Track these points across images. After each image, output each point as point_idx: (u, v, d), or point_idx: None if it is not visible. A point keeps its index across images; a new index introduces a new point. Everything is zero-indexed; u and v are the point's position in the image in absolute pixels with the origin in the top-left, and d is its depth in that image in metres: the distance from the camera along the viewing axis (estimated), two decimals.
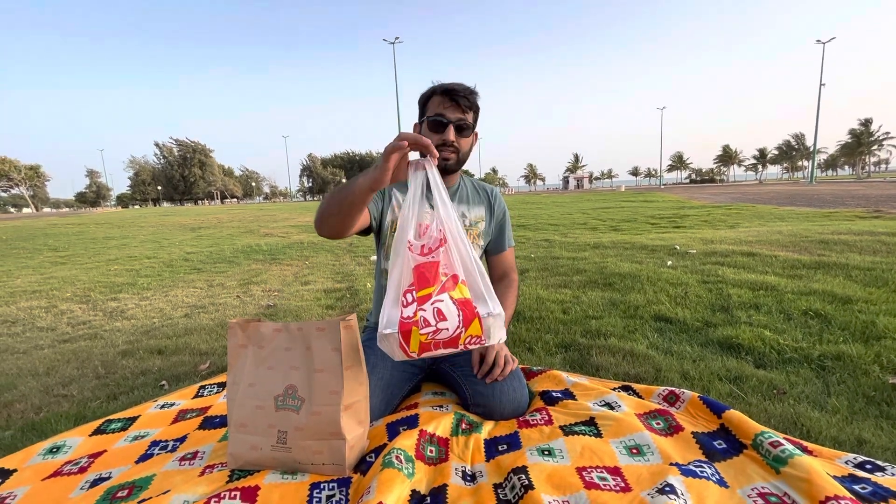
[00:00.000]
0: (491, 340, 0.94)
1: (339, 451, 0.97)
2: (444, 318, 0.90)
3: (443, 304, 0.90)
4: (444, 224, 0.96)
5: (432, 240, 0.95)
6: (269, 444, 0.99)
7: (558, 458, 1.02)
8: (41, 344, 2.42)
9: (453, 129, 1.26)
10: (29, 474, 1.09)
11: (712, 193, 19.46)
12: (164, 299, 3.44)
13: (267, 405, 1.00)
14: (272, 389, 1.00)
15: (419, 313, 0.90)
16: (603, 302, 2.49)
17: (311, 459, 0.98)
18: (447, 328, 0.90)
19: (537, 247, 5.06)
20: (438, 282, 0.92)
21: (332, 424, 0.96)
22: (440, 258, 0.94)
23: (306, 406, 0.98)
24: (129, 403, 1.56)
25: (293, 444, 0.98)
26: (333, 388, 0.97)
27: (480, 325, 0.91)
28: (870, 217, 6.67)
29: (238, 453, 1.01)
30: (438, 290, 0.91)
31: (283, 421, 0.99)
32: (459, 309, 0.90)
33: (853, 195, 12.97)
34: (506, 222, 1.51)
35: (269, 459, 0.99)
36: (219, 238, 8.85)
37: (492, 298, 0.95)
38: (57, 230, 12.54)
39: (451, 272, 0.94)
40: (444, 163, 1.29)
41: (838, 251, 3.45)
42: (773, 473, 0.93)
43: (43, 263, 6.22)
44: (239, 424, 1.01)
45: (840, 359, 1.56)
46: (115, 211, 37.59)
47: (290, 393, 1.00)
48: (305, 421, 0.97)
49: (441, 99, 1.26)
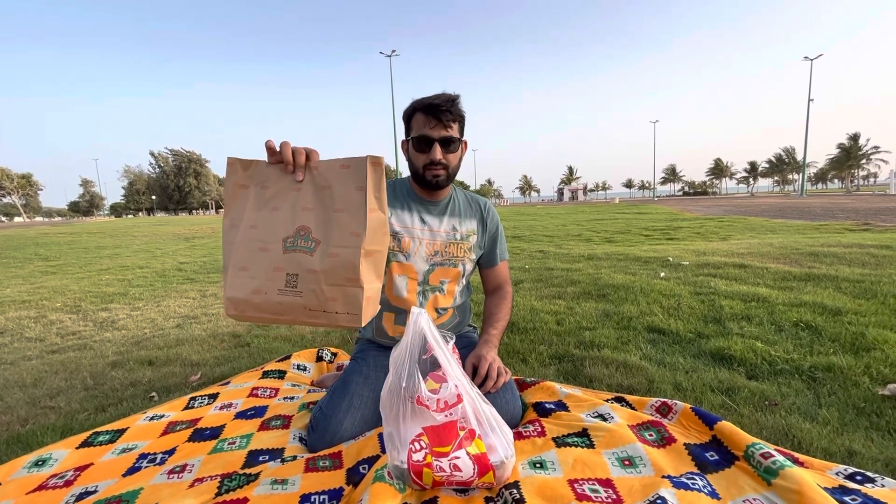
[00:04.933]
0: (502, 482, 0.97)
1: (355, 299, 0.87)
2: (459, 470, 0.92)
3: (460, 461, 0.92)
4: (459, 380, 0.97)
5: (449, 394, 0.95)
6: (275, 289, 0.89)
7: (550, 471, 1.02)
8: (29, 355, 2.39)
9: (439, 147, 1.26)
10: (13, 488, 1.06)
11: (705, 206, 19.66)
12: (156, 309, 3.41)
13: (273, 247, 0.91)
14: (279, 231, 0.91)
15: (434, 461, 0.92)
16: (597, 313, 2.50)
17: (324, 306, 0.88)
18: (461, 477, 0.93)
19: (532, 258, 5.07)
20: (456, 437, 0.94)
21: (349, 269, 0.87)
22: (458, 415, 0.95)
23: (322, 248, 0.89)
24: (117, 415, 1.53)
25: (304, 287, 0.88)
26: (354, 229, 0.88)
27: (494, 475, 0.95)
28: (859, 230, 6.76)
29: (238, 297, 0.91)
30: (456, 447, 0.93)
31: (293, 263, 0.89)
32: (475, 463, 0.93)
33: (843, 208, 13.16)
34: (499, 235, 1.50)
35: (272, 305, 0.90)
36: (213, 248, 8.80)
37: (501, 445, 0.97)
38: (48, 239, 12.43)
39: (468, 426, 0.95)
40: (435, 179, 1.30)
41: (828, 263, 3.49)
42: (764, 485, 0.93)
43: (33, 273, 6.15)
44: (239, 268, 0.92)
45: (830, 370, 1.57)
46: (109, 220, 37.34)
47: (302, 234, 0.90)
48: (320, 263, 0.88)
49: (424, 117, 1.25)
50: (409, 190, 1.40)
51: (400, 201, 1.37)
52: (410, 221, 1.36)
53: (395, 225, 1.34)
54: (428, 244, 1.36)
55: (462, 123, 1.31)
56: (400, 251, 1.34)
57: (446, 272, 1.38)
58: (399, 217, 1.35)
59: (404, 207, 1.37)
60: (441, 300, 1.38)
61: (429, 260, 1.36)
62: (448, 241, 1.37)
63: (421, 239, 1.36)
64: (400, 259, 1.34)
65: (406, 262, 1.34)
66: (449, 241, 1.37)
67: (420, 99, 1.28)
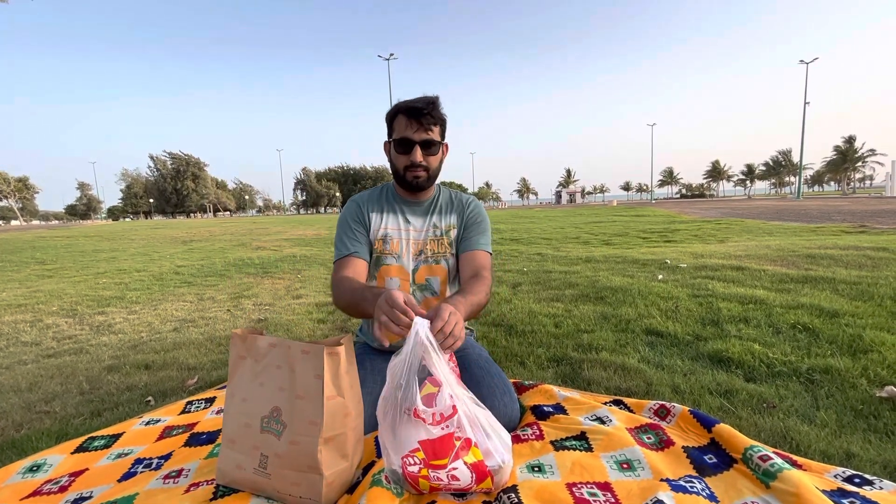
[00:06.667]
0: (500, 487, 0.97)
1: (315, 486, 0.90)
2: (457, 479, 0.92)
3: (457, 471, 0.92)
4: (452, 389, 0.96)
5: (445, 407, 0.94)
6: (251, 467, 0.94)
7: (548, 474, 1.01)
8: (25, 359, 2.37)
9: (420, 150, 1.28)
10: (7, 494, 1.05)
11: (702, 208, 19.72)
12: (153, 313, 3.39)
13: (254, 424, 0.95)
14: (260, 409, 0.96)
15: (431, 473, 0.91)
16: (595, 316, 2.50)
17: (289, 490, 0.92)
18: (460, 485, 0.93)
19: (530, 260, 5.08)
20: (452, 449, 0.93)
21: (309, 457, 0.90)
22: (453, 427, 0.94)
23: (287, 433, 0.92)
24: (113, 420, 1.52)
25: (273, 471, 0.92)
26: (313, 418, 0.90)
27: (492, 480, 0.94)
28: (855, 232, 6.79)
29: (225, 469, 0.98)
30: (453, 459, 0.92)
31: (266, 444, 0.94)
32: (472, 471, 0.93)
33: (839, 210, 13.21)
34: (481, 226, 1.42)
35: (250, 482, 0.95)
36: (210, 251, 8.78)
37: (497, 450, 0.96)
38: (45, 243, 12.38)
39: (464, 436, 0.94)
40: (416, 180, 1.32)
41: (825, 265, 3.50)
42: (762, 488, 0.93)
43: (29, 276, 6.12)
44: (229, 440, 0.98)
45: (828, 372, 1.58)
46: (106, 223, 37.19)
47: (274, 416, 0.94)
48: (285, 449, 0.92)
49: (405, 120, 1.27)
50: (394, 193, 1.43)
51: (387, 205, 1.41)
52: (396, 223, 1.39)
53: (384, 228, 1.37)
54: (413, 243, 1.38)
55: (443, 126, 1.32)
56: (390, 253, 1.37)
57: (431, 269, 1.39)
58: (387, 220, 1.39)
59: (391, 210, 1.40)
60: (434, 302, 1.38)
61: (415, 259, 1.38)
62: (429, 239, 1.39)
63: (407, 239, 1.38)
64: (391, 261, 1.37)
65: (396, 263, 1.37)
66: (429, 238, 1.40)
67: (402, 101, 1.29)
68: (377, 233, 1.37)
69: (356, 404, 0.98)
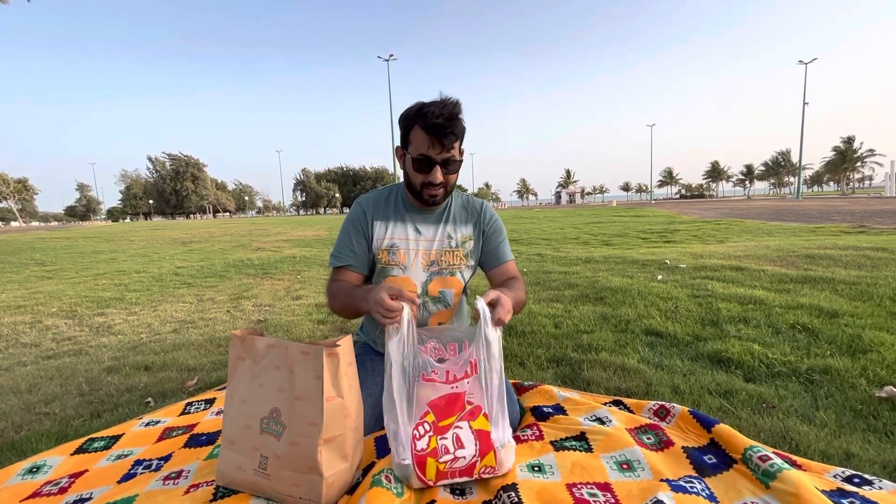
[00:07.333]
0: (503, 469, 0.98)
1: (315, 487, 0.90)
2: (462, 445, 0.93)
3: (462, 432, 0.93)
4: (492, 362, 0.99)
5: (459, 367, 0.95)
6: (251, 468, 0.95)
7: (548, 475, 1.01)
8: (24, 360, 2.37)
9: (440, 170, 1.21)
10: (7, 495, 1.05)
11: (702, 208, 19.74)
12: (153, 314, 3.39)
13: (253, 426, 0.96)
14: (260, 410, 0.96)
15: (439, 442, 0.93)
16: (594, 316, 2.50)
17: (289, 491, 0.92)
18: (464, 456, 0.94)
19: (529, 261, 5.08)
20: (461, 410, 0.95)
21: (308, 458, 0.90)
22: (466, 388, 0.96)
23: (287, 434, 0.92)
24: (112, 421, 1.52)
25: (272, 472, 0.93)
26: (312, 419, 0.91)
27: (495, 457, 0.95)
28: (855, 232, 6.80)
29: (225, 471, 0.99)
30: (459, 419, 0.94)
31: (266, 445, 0.94)
32: (477, 439, 0.94)
33: (838, 210, 13.23)
34: (499, 234, 1.42)
35: (250, 483, 0.96)
36: (210, 252, 8.78)
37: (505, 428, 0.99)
38: (44, 244, 12.38)
39: (476, 402, 0.95)
40: (433, 199, 1.26)
41: (824, 266, 3.51)
42: (762, 488, 0.93)
43: (29, 278, 6.12)
44: (228, 441, 0.98)
45: (827, 372, 1.58)
46: (105, 225, 37.18)
47: (274, 416, 0.94)
48: (284, 450, 0.92)
49: (425, 137, 1.17)
50: (404, 199, 1.36)
51: (395, 214, 1.34)
52: (405, 233, 1.32)
53: (390, 238, 1.31)
54: (424, 254, 1.32)
55: (462, 138, 1.24)
56: (396, 264, 1.30)
57: (445, 282, 1.33)
58: (394, 230, 1.32)
59: (398, 219, 1.33)
60: (447, 315, 1.35)
61: (426, 270, 1.32)
62: (443, 250, 1.33)
63: (417, 250, 1.32)
64: (397, 272, 1.31)
65: (403, 274, 1.31)
66: (444, 250, 1.33)
67: (421, 109, 1.18)
68: (382, 242, 1.31)
69: (356, 405, 0.98)
